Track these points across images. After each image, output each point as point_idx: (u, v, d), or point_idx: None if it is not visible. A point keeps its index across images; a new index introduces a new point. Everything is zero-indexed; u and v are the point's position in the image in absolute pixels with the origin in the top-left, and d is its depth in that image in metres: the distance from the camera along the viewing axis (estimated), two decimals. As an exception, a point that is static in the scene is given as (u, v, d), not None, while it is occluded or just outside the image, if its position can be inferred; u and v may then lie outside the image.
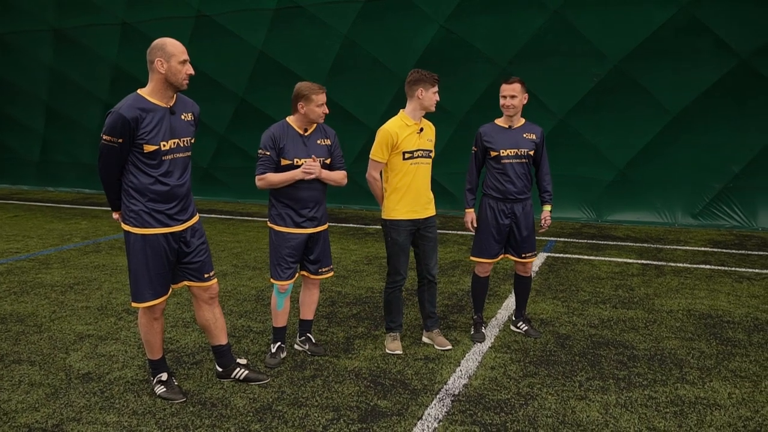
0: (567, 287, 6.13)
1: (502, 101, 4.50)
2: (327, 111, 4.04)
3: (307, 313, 4.43)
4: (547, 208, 4.75)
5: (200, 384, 3.86)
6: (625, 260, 7.31)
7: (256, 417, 3.42)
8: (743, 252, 7.79)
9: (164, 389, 3.65)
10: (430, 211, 4.45)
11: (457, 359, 4.27)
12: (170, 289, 3.61)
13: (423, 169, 4.35)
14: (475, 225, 4.70)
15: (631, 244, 8.30)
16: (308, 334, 4.44)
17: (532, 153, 4.56)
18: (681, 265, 7.09)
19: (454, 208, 10.75)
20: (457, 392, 3.73)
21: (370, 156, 4.35)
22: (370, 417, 3.42)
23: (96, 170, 3.44)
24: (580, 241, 8.51)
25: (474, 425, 3.33)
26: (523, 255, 4.67)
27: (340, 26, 9.91)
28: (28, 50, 12.69)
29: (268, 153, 4.01)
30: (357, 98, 10.53)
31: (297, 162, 4.03)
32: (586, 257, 7.47)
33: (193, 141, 3.61)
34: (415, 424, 3.34)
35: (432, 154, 4.41)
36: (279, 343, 4.27)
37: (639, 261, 7.28)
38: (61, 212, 11.20)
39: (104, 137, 3.29)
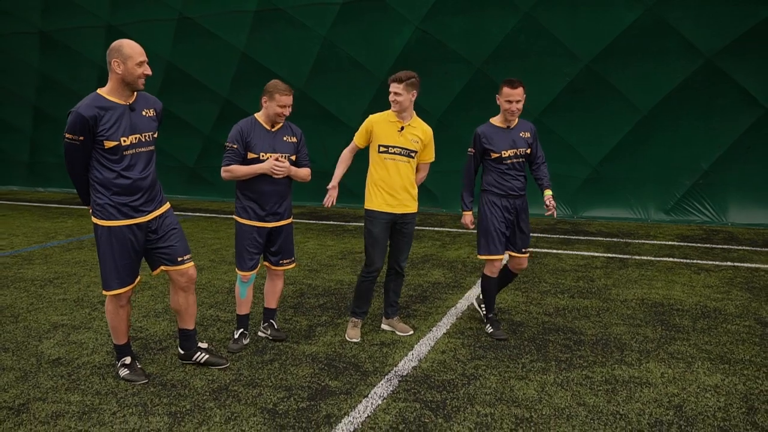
0: (530, 279, 6.35)
1: (507, 106, 4.48)
2: (286, 113, 4.20)
3: (271, 302, 4.65)
4: (548, 192, 4.70)
5: (163, 368, 4.07)
6: (591, 254, 7.54)
7: (211, 396, 3.63)
8: (708, 245, 8.03)
9: (127, 371, 3.86)
10: (410, 208, 4.56)
11: (411, 344, 4.48)
12: (137, 278, 3.82)
13: (401, 167, 4.47)
14: (473, 225, 4.74)
15: (601, 238, 8.54)
16: (271, 320, 4.65)
17: (528, 151, 4.65)
18: (645, 258, 7.32)
19: (434, 205, 11.00)
20: (405, 373, 3.95)
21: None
22: (319, 395, 3.64)
23: None
24: (552, 236, 8.74)
25: (415, 402, 3.55)
26: (524, 249, 4.73)
27: (319, 28, 10.12)
28: (14, 52, 12.89)
29: (236, 146, 4.22)
30: (337, 98, 10.77)
31: (263, 156, 4.23)
32: (554, 251, 7.69)
33: (155, 135, 3.81)
34: (360, 401, 3.55)
35: (414, 155, 4.50)
36: (242, 330, 4.48)
37: (605, 255, 7.51)
38: (48, 212, 11.40)
39: (66, 135, 3.50)
